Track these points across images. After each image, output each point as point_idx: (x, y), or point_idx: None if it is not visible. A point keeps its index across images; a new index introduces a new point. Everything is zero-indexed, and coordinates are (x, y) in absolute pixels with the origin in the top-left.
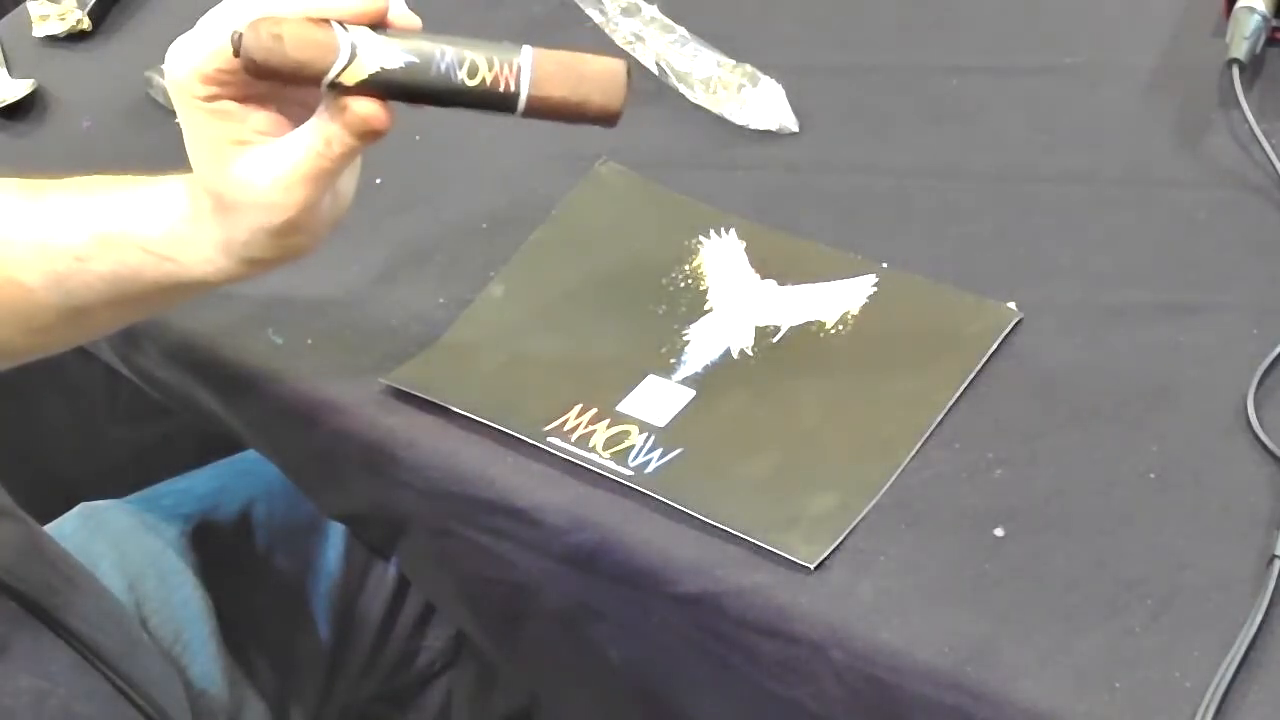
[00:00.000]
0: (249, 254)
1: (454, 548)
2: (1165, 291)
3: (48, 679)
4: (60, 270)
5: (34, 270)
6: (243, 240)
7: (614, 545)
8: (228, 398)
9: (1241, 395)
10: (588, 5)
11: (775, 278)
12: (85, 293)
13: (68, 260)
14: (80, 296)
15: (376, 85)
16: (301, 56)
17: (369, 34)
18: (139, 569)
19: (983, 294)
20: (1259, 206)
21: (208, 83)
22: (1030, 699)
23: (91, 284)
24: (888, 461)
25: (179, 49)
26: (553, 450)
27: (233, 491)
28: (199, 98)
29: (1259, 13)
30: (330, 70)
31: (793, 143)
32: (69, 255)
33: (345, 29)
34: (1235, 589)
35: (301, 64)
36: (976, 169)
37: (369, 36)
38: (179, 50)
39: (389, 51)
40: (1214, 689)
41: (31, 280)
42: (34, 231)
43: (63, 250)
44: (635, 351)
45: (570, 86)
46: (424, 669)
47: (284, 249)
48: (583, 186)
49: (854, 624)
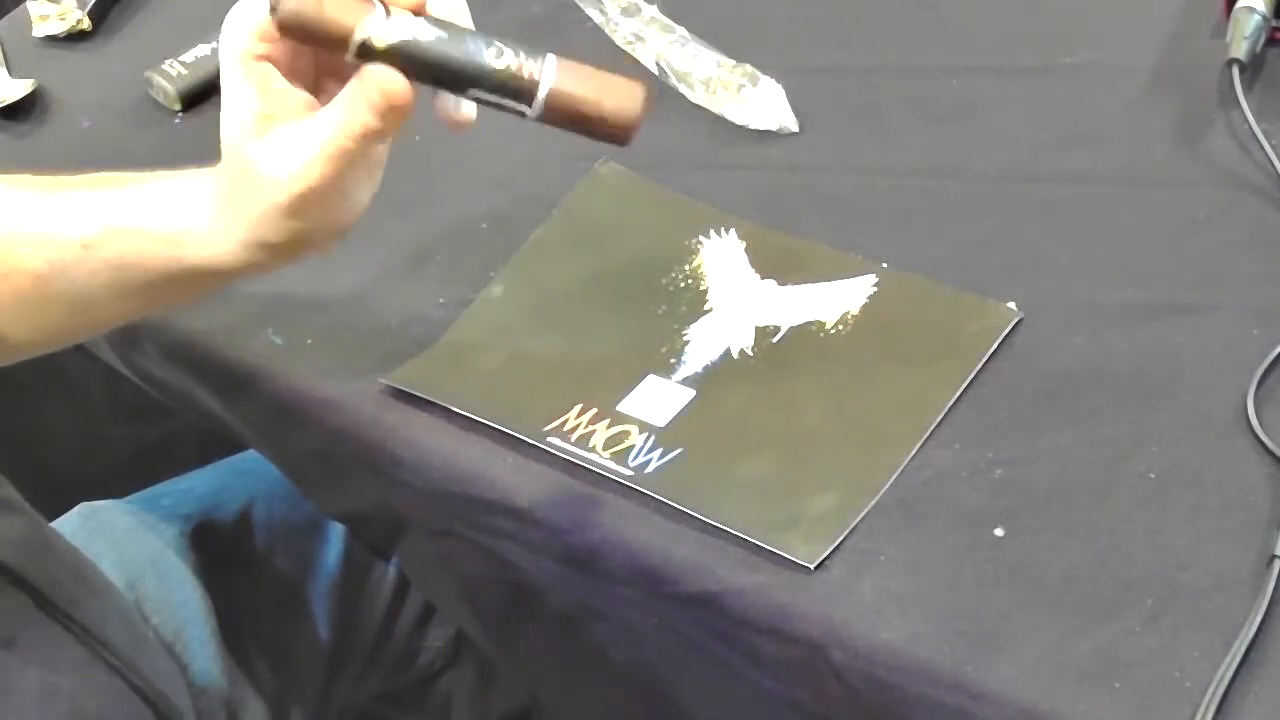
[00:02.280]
0: (258, 236)
1: (454, 548)
2: (1165, 291)
3: (56, 673)
4: (67, 259)
5: (40, 259)
6: (253, 219)
7: (614, 545)
8: (228, 398)
9: (1241, 395)
10: (588, 5)
11: (775, 278)
12: (90, 281)
13: (75, 249)
14: (86, 286)
15: (405, 56)
16: (334, 12)
17: (405, 12)
18: (139, 569)
19: (983, 294)
20: (1259, 206)
21: (263, 39)
22: (1030, 699)
23: (98, 271)
24: (888, 461)
25: (238, 7)
26: (553, 450)
27: (233, 491)
28: (252, 55)
29: (1259, 13)
30: (361, 29)
31: (793, 143)
32: (77, 244)
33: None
34: (1235, 589)
35: (333, 21)
36: (976, 169)
37: (404, 13)
38: (237, 9)
39: (421, 26)
40: (1214, 689)
41: (38, 268)
42: (43, 222)
43: (72, 240)
44: (635, 351)
45: (590, 89)
46: (424, 669)
47: (291, 235)
48: (583, 186)
49: (854, 624)
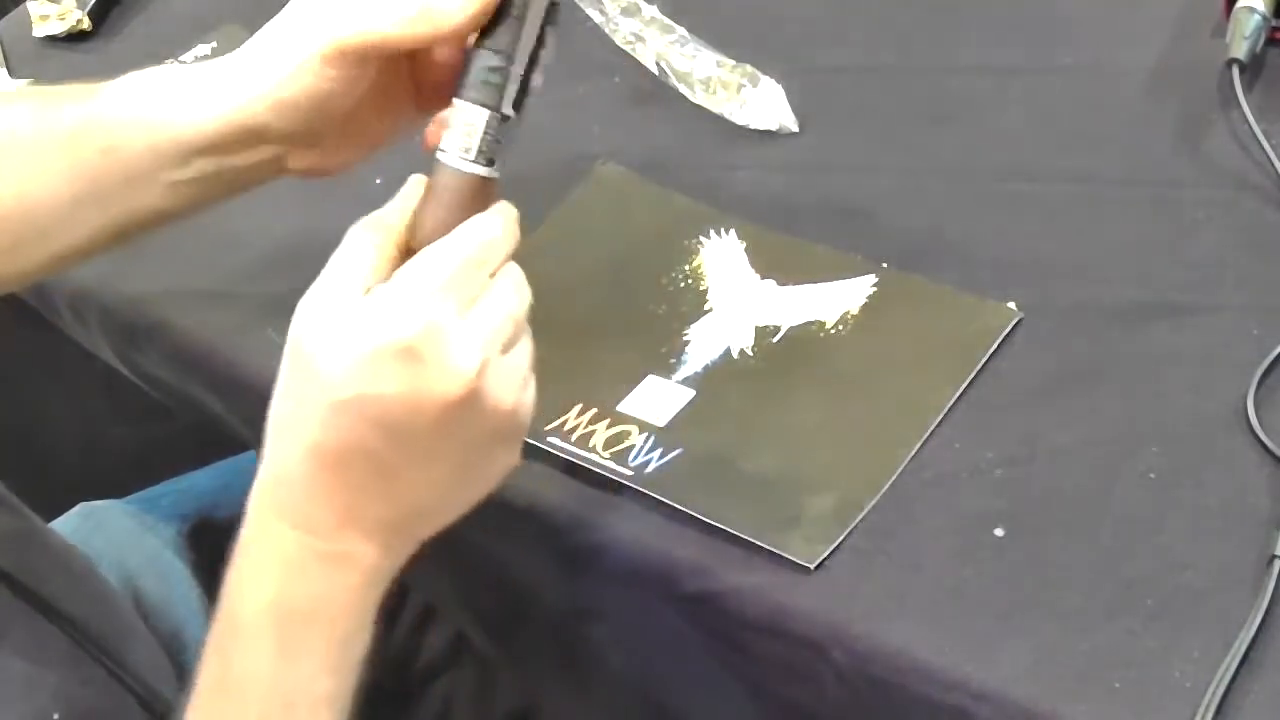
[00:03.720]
0: (252, 108)
1: (454, 548)
2: (1165, 291)
3: (42, 664)
4: (49, 159)
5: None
6: (263, 78)
7: (614, 545)
8: (228, 398)
9: (1241, 395)
10: (588, 5)
11: (775, 278)
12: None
13: (56, 150)
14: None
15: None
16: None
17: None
18: (138, 569)
19: (983, 294)
20: (1259, 206)
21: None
22: (1030, 699)
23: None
24: (888, 461)
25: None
26: (553, 450)
27: (233, 491)
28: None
29: (1259, 13)
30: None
31: (793, 143)
32: (58, 145)
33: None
34: (1235, 589)
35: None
36: (976, 169)
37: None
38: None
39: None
40: (1214, 689)
41: None
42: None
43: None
44: (635, 351)
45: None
46: (424, 669)
47: (284, 114)
48: (583, 187)
49: (854, 624)
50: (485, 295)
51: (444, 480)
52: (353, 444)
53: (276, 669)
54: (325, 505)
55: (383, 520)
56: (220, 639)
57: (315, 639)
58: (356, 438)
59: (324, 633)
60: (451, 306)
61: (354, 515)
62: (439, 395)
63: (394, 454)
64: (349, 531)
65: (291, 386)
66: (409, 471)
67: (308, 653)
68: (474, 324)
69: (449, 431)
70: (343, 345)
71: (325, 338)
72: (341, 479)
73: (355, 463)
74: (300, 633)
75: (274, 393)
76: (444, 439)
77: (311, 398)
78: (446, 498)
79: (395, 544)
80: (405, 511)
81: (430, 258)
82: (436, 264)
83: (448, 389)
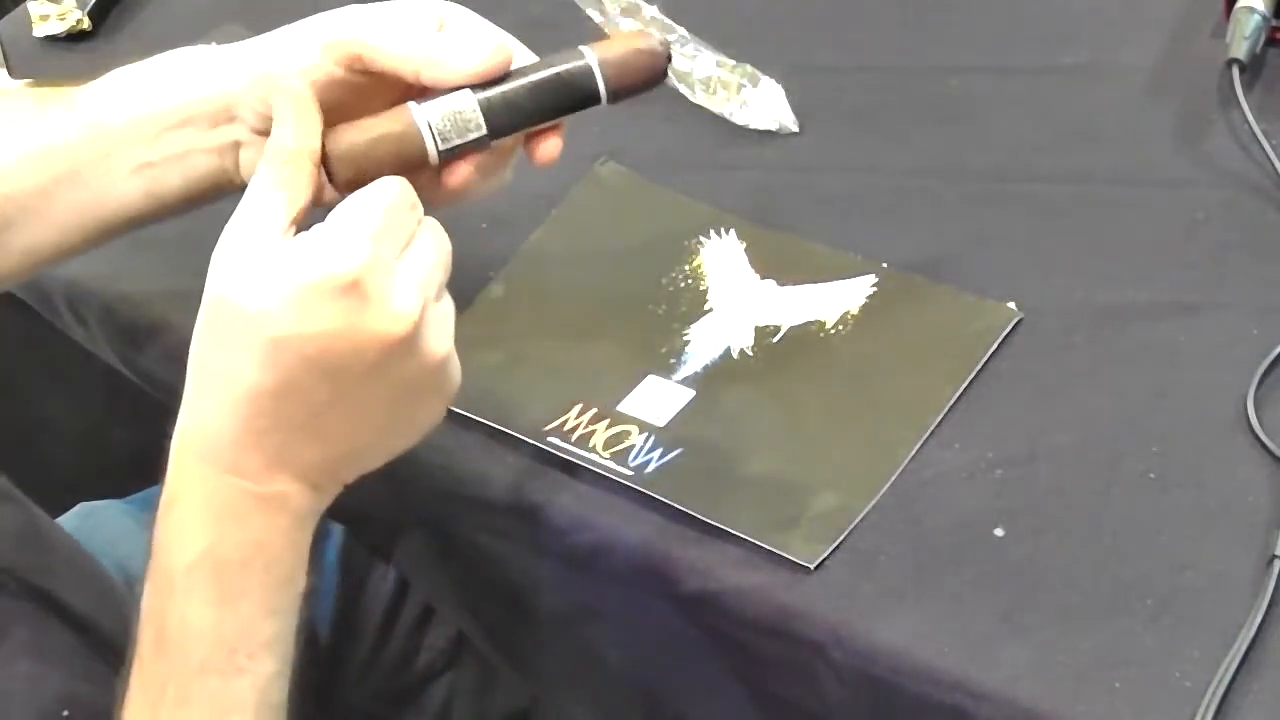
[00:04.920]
0: (230, 77)
1: (454, 548)
2: (1165, 291)
3: (47, 661)
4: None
5: None
6: None
7: (614, 545)
8: None
9: (1241, 395)
10: (588, 5)
11: (775, 278)
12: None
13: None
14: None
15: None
16: (383, 150)
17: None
18: (137, 568)
19: (983, 294)
20: (1259, 206)
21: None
22: (1030, 699)
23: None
24: (888, 461)
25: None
26: (553, 450)
27: None
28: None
29: (1259, 13)
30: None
31: (793, 143)
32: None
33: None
34: (1235, 589)
35: (389, 155)
36: (976, 169)
37: (436, 101)
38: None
39: (464, 96)
40: (1214, 689)
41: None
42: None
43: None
44: (635, 351)
45: (620, 47)
46: (424, 669)
47: None
48: (583, 186)
49: (854, 624)
50: (417, 239)
51: (374, 424)
52: (290, 382)
53: (217, 617)
54: (255, 448)
55: (313, 461)
56: (154, 599)
57: (253, 583)
58: (294, 376)
59: (262, 576)
60: (392, 247)
61: (285, 457)
62: (380, 334)
63: (328, 394)
64: (280, 473)
65: (218, 332)
66: (341, 412)
67: (247, 597)
68: (412, 265)
69: (384, 373)
70: (277, 282)
71: (255, 278)
72: (273, 420)
73: (290, 402)
74: (238, 578)
75: (193, 341)
76: (378, 380)
77: (244, 340)
78: (374, 443)
79: (325, 484)
80: (334, 454)
81: (367, 198)
82: (374, 204)
83: (389, 328)
